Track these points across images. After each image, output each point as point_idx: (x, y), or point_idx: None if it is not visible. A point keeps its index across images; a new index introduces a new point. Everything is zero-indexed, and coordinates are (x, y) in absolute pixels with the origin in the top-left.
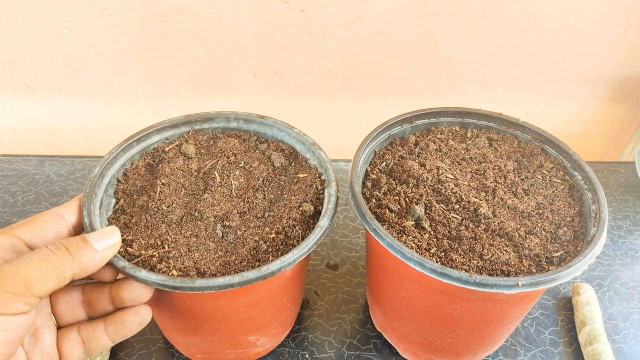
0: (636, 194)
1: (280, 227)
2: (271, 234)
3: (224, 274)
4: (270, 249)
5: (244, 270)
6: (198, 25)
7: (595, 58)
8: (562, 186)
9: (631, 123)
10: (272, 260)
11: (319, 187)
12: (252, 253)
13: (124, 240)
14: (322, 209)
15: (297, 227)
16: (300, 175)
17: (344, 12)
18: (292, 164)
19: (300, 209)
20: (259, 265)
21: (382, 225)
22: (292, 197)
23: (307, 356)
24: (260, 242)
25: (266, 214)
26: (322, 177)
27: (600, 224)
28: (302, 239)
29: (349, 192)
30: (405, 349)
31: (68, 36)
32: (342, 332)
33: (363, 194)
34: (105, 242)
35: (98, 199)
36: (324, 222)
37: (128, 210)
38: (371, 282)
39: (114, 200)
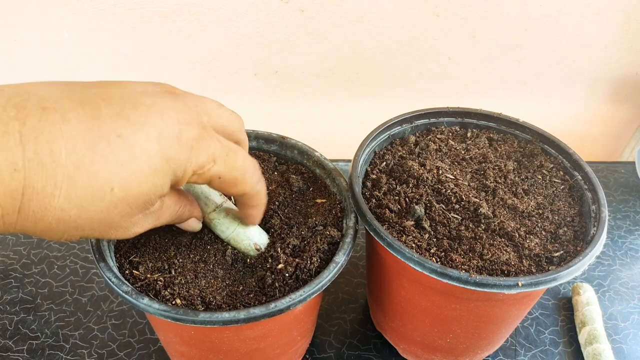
0: (636, 194)
1: (292, 258)
2: (282, 264)
3: (229, 305)
4: (280, 282)
5: (250, 304)
6: (198, 25)
7: (595, 58)
8: (562, 186)
9: (631, 123)
10: (281, 297)
11: (339, 214)
12: (261, 285)
13: (130, 262)
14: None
15: (314, 258)
16: (318, 201)
17: (344, 12)
18: (311, 189)
19: (325, 242)
20: (266, 300)
21: (382, 225)
22: (309, 219)
23: (307, 356)
24: (270, 272)
25: (279, 242)
26: (342, 205)
27: (600, 224)
28: (317, 272)
29: (349, 192)
30: (405, 349)
31: (68, 36)
32: (342, 332)
33: (363, 194)
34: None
35: None
36: (339, 257)
37: None
38: (371, 282)
39: None
